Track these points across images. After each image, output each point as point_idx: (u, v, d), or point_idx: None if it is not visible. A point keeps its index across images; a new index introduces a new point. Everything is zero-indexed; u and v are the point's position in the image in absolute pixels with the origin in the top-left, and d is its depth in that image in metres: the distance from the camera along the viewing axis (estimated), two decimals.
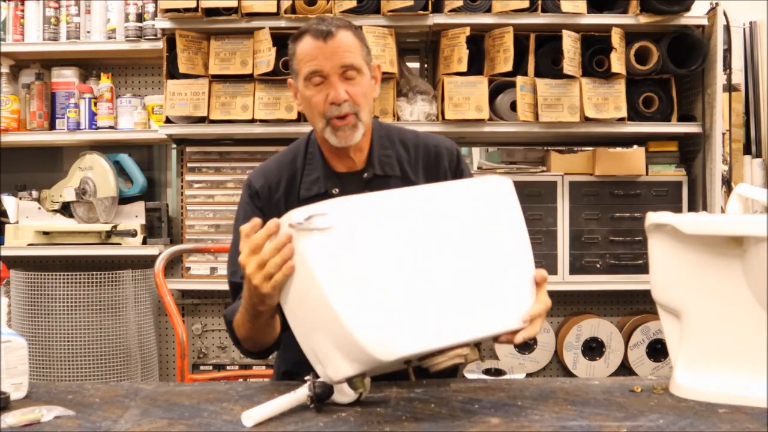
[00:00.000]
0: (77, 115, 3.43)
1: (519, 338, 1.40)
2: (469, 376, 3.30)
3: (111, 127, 3.45)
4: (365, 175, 1.80)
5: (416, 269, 1.32)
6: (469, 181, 1.50)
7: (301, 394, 1.41)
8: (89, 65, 3.58)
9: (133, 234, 3.36)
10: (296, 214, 1.28)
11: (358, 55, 1.72)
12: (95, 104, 3.44)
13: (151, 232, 3.44)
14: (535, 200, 3.25)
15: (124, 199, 3.44)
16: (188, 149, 3.42)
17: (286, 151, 1.88)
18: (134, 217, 3.42)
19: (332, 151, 1.80)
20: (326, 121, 1.72)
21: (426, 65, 3.65)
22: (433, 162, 1.86)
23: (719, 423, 1.33)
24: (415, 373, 1.38)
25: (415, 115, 3.24)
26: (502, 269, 1.43)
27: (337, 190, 1.78)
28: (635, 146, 3.39)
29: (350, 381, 1.34)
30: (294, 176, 1.81)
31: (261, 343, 1.67)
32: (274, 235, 1.33)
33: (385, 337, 1.26)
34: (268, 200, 1.80)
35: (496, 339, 1.44)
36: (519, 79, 3.16)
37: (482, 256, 1.41)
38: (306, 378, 1.40)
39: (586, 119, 3.19)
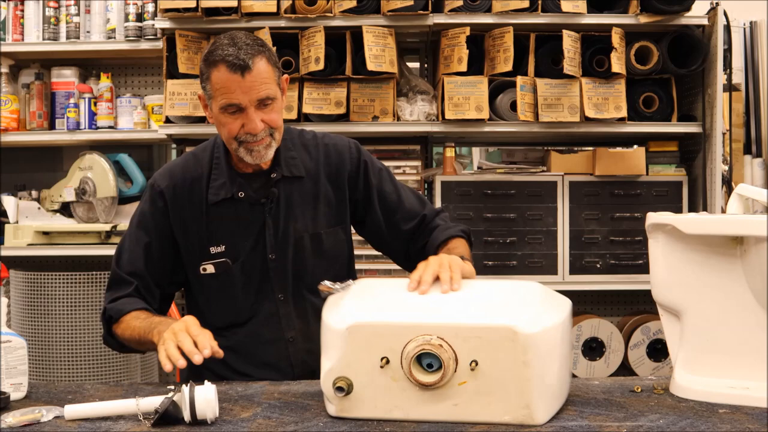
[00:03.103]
0: (77, 115, 3.42)
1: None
2: None
3: (111, 127, 3.44)
4: (273, 175, 1.83)
5: (413, 302, 1.45)
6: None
7: (129, 405, 1.40)
8: (89, 65, 3.58)
9: None
10: (328, 282, 1.56)
11: (273, 83, 1.74)
12: (95, 104, 3.44)
13: None
14: (535, 200, 3.25)
15: (123, 199, 3.44)
16: (188, 149, 3.40)
17: (192, 153, 1.90)
18: None
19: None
20: (239, 143, 1.76)
21: (426, 65, 3.65)
22: (334, 164, 1.90)
23: (719, 423, 1.33)
24: None
25: (415, 114, 3.24)
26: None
27: (242, 194, 1.82)
28: (635, 146, 3.38)
29: (339, 387, 1.35)
30: (199, 179, 1.84)
31: (140, 348, 1.81)
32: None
33: (348, 315, 1.39)
34: (173, 200, 1.83)
35: None
36: (519, 79, 3.16)
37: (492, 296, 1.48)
38: (169, 387, 1.42)
39: (586, 119, 3.19)
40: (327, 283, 1.56)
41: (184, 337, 1.53)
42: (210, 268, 1.82)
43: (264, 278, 1.84)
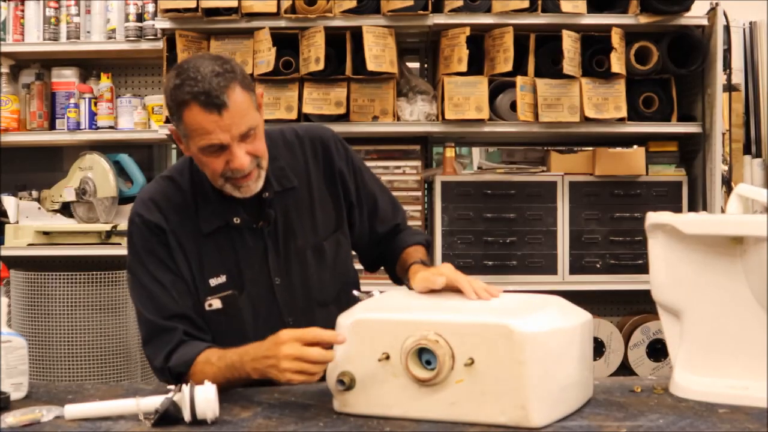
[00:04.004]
0: (77, 115, 3.42)
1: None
2: None
3: (111, 127, 3.44)
4: (266, 194, 1.69)
5: (417, 303, 1.48)
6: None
7: (129, 405, 1.39)
8: (89, 65, 3.58)
9: None
10: (356, 292, 1.64)
11: (252, 110, 1.58)
12: (95, 104, 3.44)
13: None
14: (535, 200, 3.25)
15: (124, 199, 3.44)
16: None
17: (168, 179, 1.73)
18: None
19: None
20: (226, 179, 1.62)
21: (426, 65, 3.65)
22: (321, 158, 1.79)
23: (719, 423, 1.33)
24: None
25: (415, 115, 3.24)
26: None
27: (237, 219, 1.68)
28: (635, 146, 3.38)
29: (340, 380, 1.38)
30: (185, 209, 1.68)
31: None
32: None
33: (355, 312, 1.45)
34: (171, 232, 1.67)
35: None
36: (519, 79, 3.16)
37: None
38: (169, 387, 1.39)
39: (586, 119, 3.19)
40: (355, 293, 1.61)
41: (303, 364, 1.40)
42: (216, 303, 1.67)
43: (271, 304, 1.72)
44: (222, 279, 1.68)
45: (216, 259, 1.68)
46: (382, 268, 1.94)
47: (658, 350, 3.34)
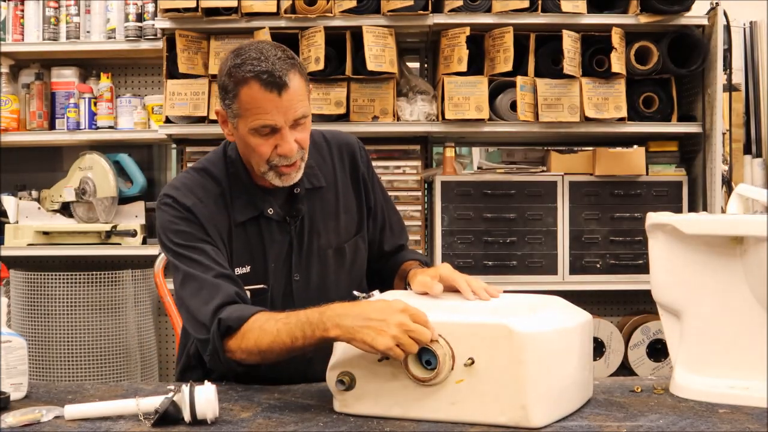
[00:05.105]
0: (77, 115, 3.42)
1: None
2: None
3: (111, 127, 3.45)
4: (296, 190, 1.72)
5: (417, 303, 1.43)
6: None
7: (129, 405, 1.38)
8: (89, 65, 3.58)
9: (133, 234, 3.36)
10: (356, 292, 1.60)
11: (306, 98, 1.62)
12: (95, 104, 3.44)
13: (150, 232, 3.44)
14: (535, 200, 3.25)
15: (124, 199, 3.44)
16: (188, 149, 3.41)
17: (202, 170, 1.73)
18: (134, 217, 3.42)
19: None
20: (269, 166, 1.64)
21: (426, 65, 3.65)
22: (348, 164, 1.83)
23: (719, 423, 1.33)
24: None
25: (415, 115, 3.24)
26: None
27: (271, 210, 1.70)
28: (635, 146, 3.38)
29: (340, 380, 1.38)
30: (222, 197, 1.69)
31: (280, 358, 1.52)
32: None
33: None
34: (205, 217, 1.66)
35: None
36: (519, 79, 3.16)
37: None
38: (169, 387, 1.38)
39: (586, 119, 3.19)
40: (355, 293, 1.60)
41: (408, 339, 1.32)
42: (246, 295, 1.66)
43: (287, 299, 1.72)
44: (246, 269, 1.69)
45: (245, 250, 1.70)
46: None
47: (658, 350, 3.34)
